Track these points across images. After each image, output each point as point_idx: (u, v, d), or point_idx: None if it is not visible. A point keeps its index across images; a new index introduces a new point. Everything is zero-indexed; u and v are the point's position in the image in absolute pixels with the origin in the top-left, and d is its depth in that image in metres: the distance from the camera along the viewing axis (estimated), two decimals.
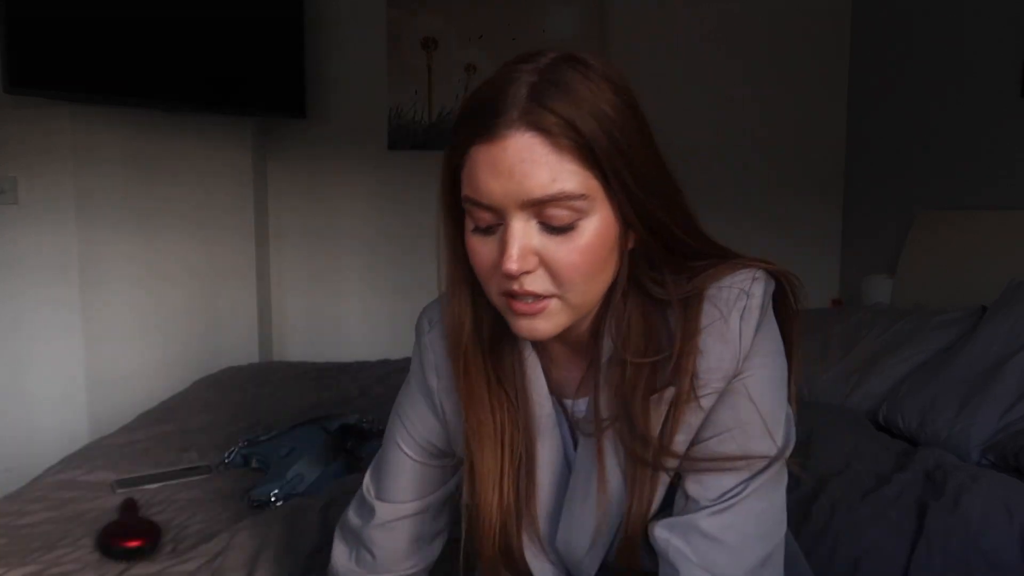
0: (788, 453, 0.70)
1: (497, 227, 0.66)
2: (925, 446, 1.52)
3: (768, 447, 0.69)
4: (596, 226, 0.65)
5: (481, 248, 0.67)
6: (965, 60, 2.27)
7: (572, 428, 0.77)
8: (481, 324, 0.75)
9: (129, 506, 1.34)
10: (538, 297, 0.66)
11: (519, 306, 0.66)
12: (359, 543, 0.88)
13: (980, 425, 1.47)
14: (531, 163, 0.62)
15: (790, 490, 0.73)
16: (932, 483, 1.30)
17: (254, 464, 1.59)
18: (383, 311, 3.07)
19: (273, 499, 1.40)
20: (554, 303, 0.67)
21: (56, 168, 2.43)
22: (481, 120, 0.63)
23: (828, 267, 2.97)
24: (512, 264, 0.63)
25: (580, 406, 0.76)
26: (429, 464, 0.84)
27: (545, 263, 0.65)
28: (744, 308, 0.69)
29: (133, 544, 1.18)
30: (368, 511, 0.87)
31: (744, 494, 0.68)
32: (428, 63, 2.94)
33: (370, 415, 1.87)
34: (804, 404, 1.79)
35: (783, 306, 0.75)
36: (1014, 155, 2.06)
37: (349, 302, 3.08)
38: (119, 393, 2.51)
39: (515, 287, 0.65)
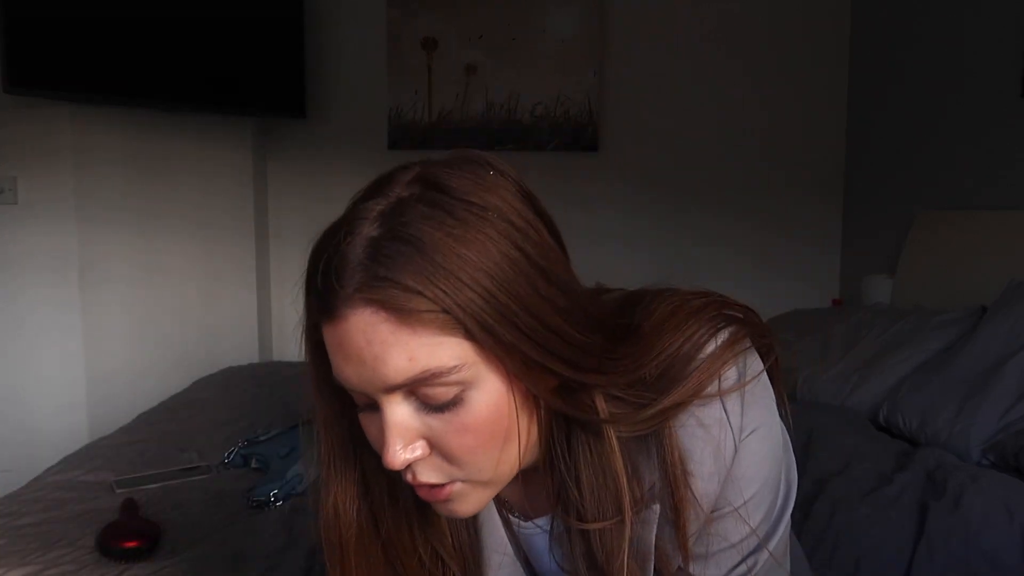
0: (782, 528, 0.64)
1: (376, 406, 0.55)
2: (925, 446, 1.52)
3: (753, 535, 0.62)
4: (487, 394, 0.54)
5: (370, 427, 0.57)
6: (965, 60, 2.27)
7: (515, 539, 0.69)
8: (382, 504, 0.64)
9: (129, 506, 1.34)
10: (437, 486, 0.57)
11: (423, 493, 0.58)
12: None
13: (980, 425, 1.47)
14: (379, 344, 0.51)
15: None
16: (932, 483, 1.29)
17: (254, 464, 1.59)
18: None
19: (273, 499, 1.40)
20: (459, 486, 0.57)
21: (56, 168, 2.43)
22: (321, 293, 0.53)
23: (828, 267, 2.97)
24: (394, 459, 0.54)
25: (536, 524, 0.68)
26: None
27: (435, 446, 0.55)
28: (728, 423, 0.60)
29: (133, 544, 1.18)
30: None
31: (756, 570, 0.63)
32: (428, 63, 2.93)
33: None
34: (804, 404, 1.79)
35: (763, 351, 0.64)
36: (1014, 155, 2.06)
37: None
38: (119, 393, 2.51)
39: (408, 478, 0.57)
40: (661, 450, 0.59)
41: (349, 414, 0.60)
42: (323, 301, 0.53)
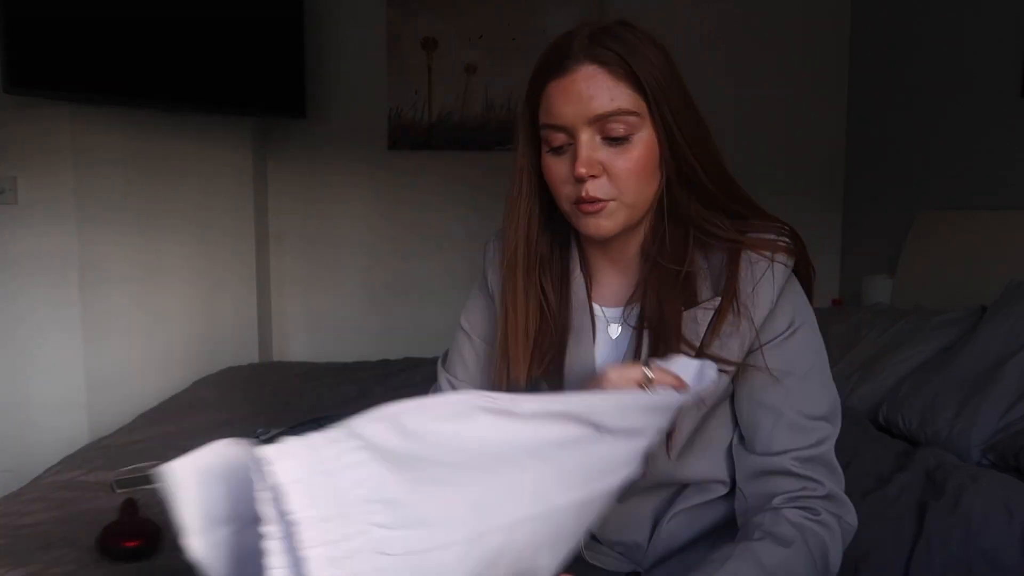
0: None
1: (568, 147, 0.82)
2: (925, 446, 1.52)
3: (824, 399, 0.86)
4: (644, 142, 0.81)
5: (554, 166, 0.84)
6: (965, 60, 2.27)
7: (594, 333, 0.91)
8: (534, 237, 0.90)
9: (129, 506, 1.34)
10: (600, 201, 0.81)
11: (586, 207, 0.82)
12: None
13: (980, 425, 1.47)
14: (595, 87, 0.79)
15: None
16: (932, 483, 1.29)
17: None
18: (383, 311, 3.07)
19: None
20: (612, 204, 0.82)
21: (56, 168, 2.43)
22: (554, 62, 0.81)
23: (828, 267, 2.97)
24: (581, 168, 0.80)
25: (616, 312, 0.91)
26: (482, 344, 0.99)
27: (607, 171, 0.81)
28: (773, 268, 0.84)
29: (133, 544, 1.18)
30: (435, 384, 1.04)
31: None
32: (428, 63, 2.94)
33: None
34: None
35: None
36: (1014, 155, 2.06)
37: (349, 302, 3.08)
38: (119, 393, 2.51)
39: (583, 193, 0.81)
40: (727, 264, 0.84)
41: (537, 167, 0.88)
42: (558, 65, 0.81)
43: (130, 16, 2.31)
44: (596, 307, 0.92)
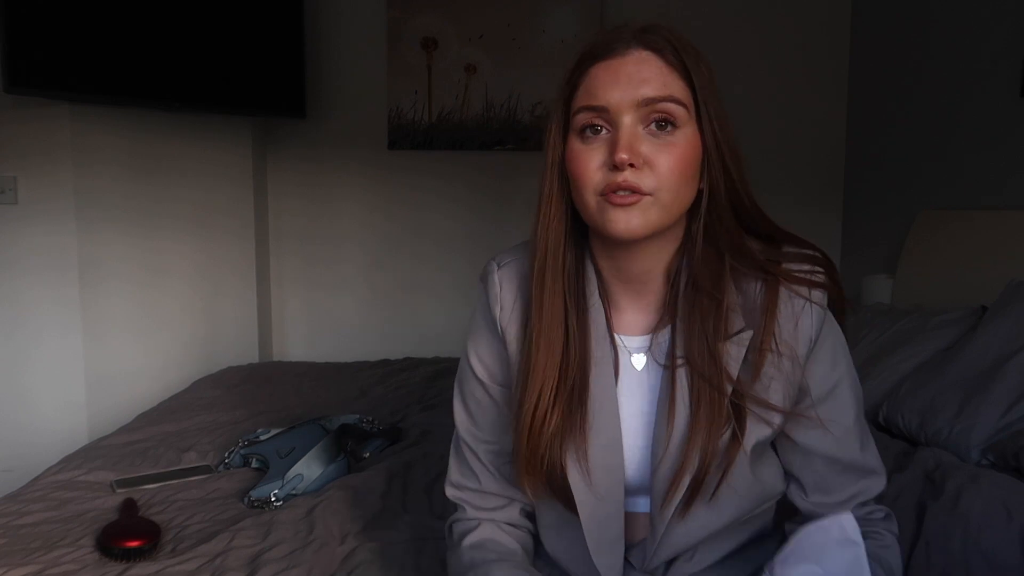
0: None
1: (602, 133, 0.77)
2: (924, 446, 1.52)
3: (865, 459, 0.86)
4: (689, 138, 0.77)
5: (584, 153, 0.78)
6: (965, 60, 2.27)
7: (616, 366, 0.85)
8: (561, 247, 0.83)
9: (129, 506, 1.34)
10: (637, 193, 0.75)
11: (617, 199, 0.75)
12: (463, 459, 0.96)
13: (980, 425, 1.47)
14: (647, 70, 0.76)
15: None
16: (931, 483, 1.29)
17: (254, 464, 1.59)
18: (383, 311, 3.07)
19: (273, 499, 1.40)
20: (648, 199, 0.76)
21: (56, 168, 2.43)
22: (601, 47, 0.78)
23: None
24: (623, 153, 0.74)
25: (638, 342, 0.86)
26: (499, 389, 0.91)
27: (647, 163, 0.75)
28: (812, 307, 0.81)
29: (133, 544, 1.19)
30: (454, 435, 0.96)
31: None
32: (428, 63, 2.94)
33: (370, 415, 1.87)
34: None
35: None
36: (1014, 155, 2.06)
37: (349, 302, 3.08)
38: (119, 393, 2.51)
39: (620, 179, 0.75)
40: (764, 297, 0.79)
41: (563, 166, 0.81)
42: (607, 48, 0.78)
43: (130, 16, 2.31)
44: (616, 336, 0.86)
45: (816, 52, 2.92)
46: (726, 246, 0.80)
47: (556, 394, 0.81)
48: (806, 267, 0.81)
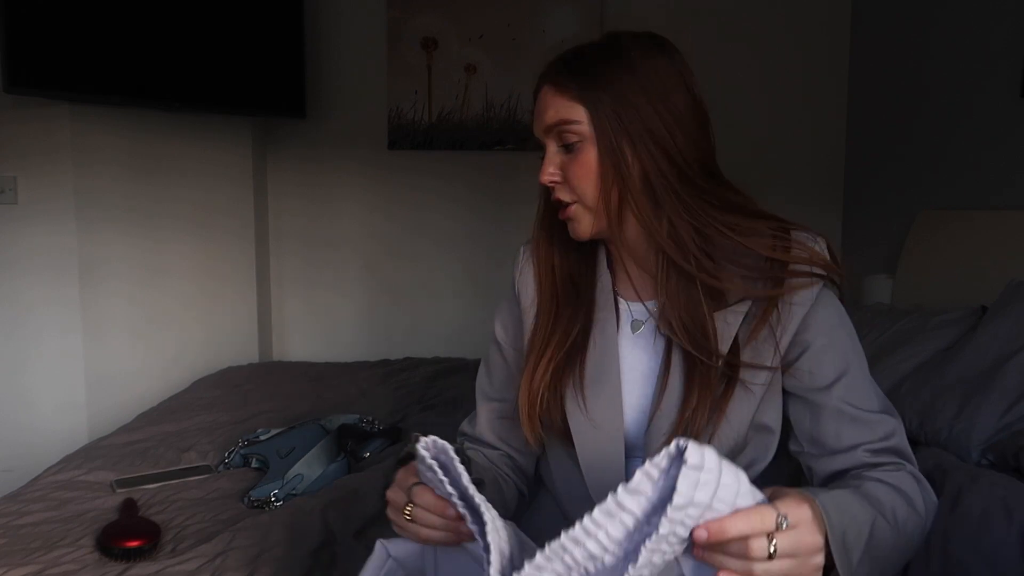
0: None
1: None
2: (924, 446, 1.52)
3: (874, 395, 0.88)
4: (589, 151, 0.87)
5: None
6: (965, 60, 2.27)
7: (618, 326, 0.94)
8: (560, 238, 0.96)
9: (129, 506, 1.34)
10: (565, 205, 0.90)
11: (560, 213, 0.91)
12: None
13: (980, 425, 1.47)
14: (545, 102, 0.89)
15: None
16: (931, 483, 1.29)
17: (254, 464, 1.59)
18: (383, 311, 3.08)
19: (273, 499, 1.40)
20: (575, 208, 0.90)
21: (56, 168, 2.43)
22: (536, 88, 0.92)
23: None
24: (543, 175, 0.90)
25: (639, 307, 0.95)
26: (512, 352, 1.03)
27: (566, 179, 0.89)
28: (815, 287, 0.87)
29: (133, 544, 1.19)
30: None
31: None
32: (428, 63, 2.94)
33: (370, 415, 1.87)
34: None
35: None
36: (1014, 155, 2.06)
37: (349, 302, 3.08)
38: (119, 393, 2.51)
39: (552, 197, 0.91)
40: (769, 268, 0.86)
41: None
42: (536, 90, 0.92)
43: (130, 16, 2.31)
44: (621, 301, 0.95)
45: (816, 52, 2.92)
46: (694, 222, 0.86)
47: (559, 346, 0.92)
48: (804, 234, 0.88)
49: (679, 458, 0.56)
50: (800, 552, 0.59)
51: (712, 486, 0.56)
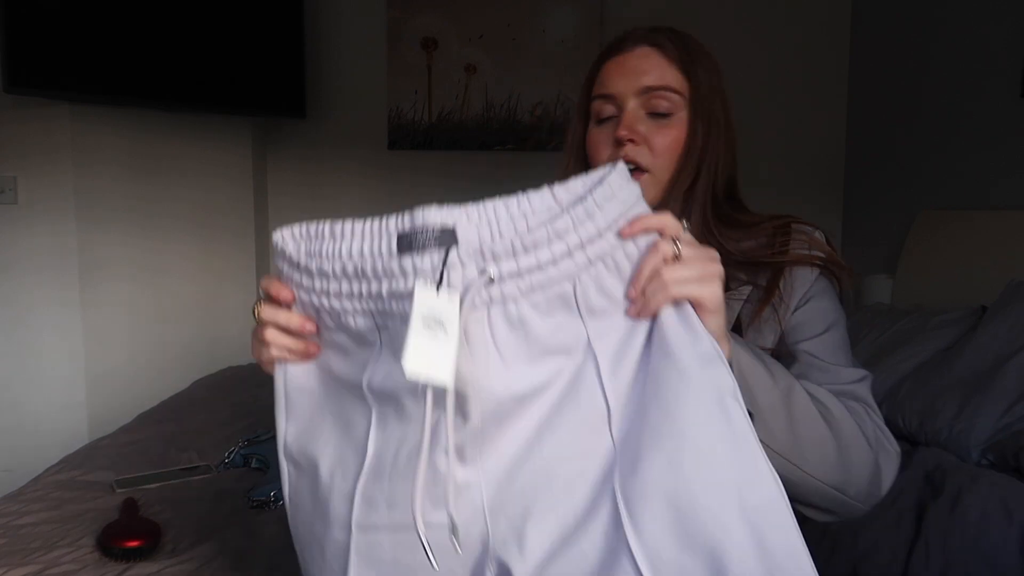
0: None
1: (613, 119, 0.90)
2: (924, 446, 1.52)
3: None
4: (684, 123, 0.88)
5: (597, 135, 0.92)
6: (965, 60, 2.27)
7: None
8: None
9: (129, 506, 1.34)
10: (636, 169, 0.87)
11: None
12: None
13: (980, 425, 1.47)
14: (648, 63, 0.89)
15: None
16: (931, 484, 1.29)
17: (254, 464, 1.59)
18: None
19: (273, 499, 1.40)
20: (646, 177, 0.88)
21: (56, 168, 2.43)
22: (614, 45, 0.92)
23: None
24: (623, 130, 0.87)
25: None
26: None
27: (646, 141, 0.88)
28: (814, 276, 0.89)
29: (133, 544, 1.18)
30: None
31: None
32: (428, 63, 2.94)
33: None
34: None
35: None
36: (1014, 155, 2.06)
37: None
38: (119, 393, 2.51)
39: (621, 153, 0.87)
40: (772, 271, 0.88)
41: (582, 141, 0.95)
42: (615, 47, 0.92)
43: (130, 16, 2.31)
44: None
45: (816, 52, 2.92)
46: (712, 216, 0.89)
47: None
48: (805, 227, 0.91)
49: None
50: (701, 256, 0.63)
51: (636, 193, 0.63)
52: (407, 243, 0.63)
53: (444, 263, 0.59)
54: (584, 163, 0.94)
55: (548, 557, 0.58)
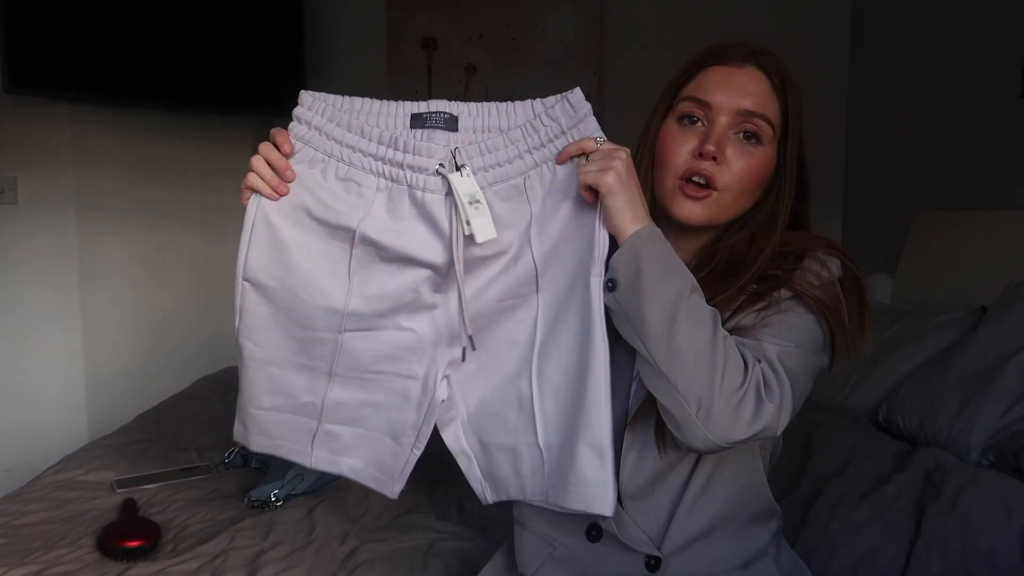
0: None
1: (698, 124, 0.90)
2: (924, 446, 1.52)
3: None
4: (767, 156, 0.90)
5: (677, 134, 0.91)
6: (965, 60, 2.27)
7: None
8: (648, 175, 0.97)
9: (129, 506, 1.34)
10: (706, 186, 0.88)
11: (690, 189, 0.88)
12: None
13: (980, 425, 1.47)
14: (753, 86, 0.89)
15: (788, 493, 0.73)
16: (931, 484, 1.29)
17: (254, 464, 1.59)
18: None
19: (273, 499, 1.40)
20: (714, 195, 0.88)
21: (56, 168, 2.43)
22: (723, 52, 0.91)
23: None
24: (711, 145, 0.87)
25: None
26: None
27: (727, 161, 0.88)
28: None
29: (133, 544, 1.19)
30: None
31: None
32: (428, 63, 2.94)
33: None
34: (803, 404, 1.79)
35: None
36: (1014, 155, 2.06)
37: None
38: (119, 393, 2.51)
39: (701, 166, 0.87)
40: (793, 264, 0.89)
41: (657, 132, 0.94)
42: (725, 55, 0.91)
43: (130, 16, 2.31)
44: None
45: (816, 52, 2.92)
46: (756, 247, 0.90)
47: None
48: (815, 263, 0.89)
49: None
50: (607, 154, 0.80)
51: (585, 113, 0.83)
52: (420, 122, 0.85)
53: (454, 155, 0.83)
54: (651, 154, 0.93)
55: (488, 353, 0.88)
